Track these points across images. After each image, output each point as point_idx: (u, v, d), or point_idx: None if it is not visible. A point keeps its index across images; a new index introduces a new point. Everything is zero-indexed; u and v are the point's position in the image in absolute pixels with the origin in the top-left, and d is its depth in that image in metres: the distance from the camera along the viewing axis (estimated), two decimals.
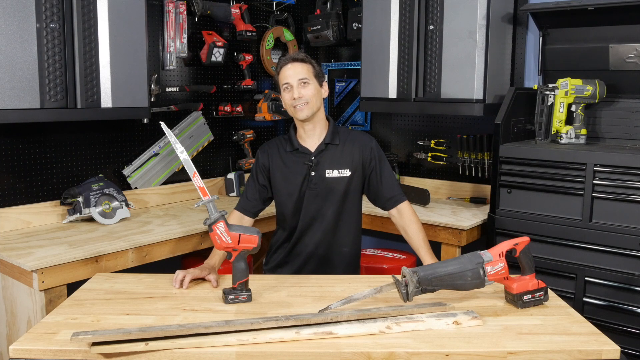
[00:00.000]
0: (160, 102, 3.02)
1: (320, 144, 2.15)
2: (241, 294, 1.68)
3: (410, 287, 1.55)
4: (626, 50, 2.57)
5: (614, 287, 2.29)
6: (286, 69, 2.10)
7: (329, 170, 2.14)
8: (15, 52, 2.18)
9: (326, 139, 2.15)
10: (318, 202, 2.15)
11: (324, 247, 2.19)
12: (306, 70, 2.09)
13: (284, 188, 2.18)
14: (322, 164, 2.14)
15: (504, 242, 1.65)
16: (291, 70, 2.08)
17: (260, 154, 2.23)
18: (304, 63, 2.10)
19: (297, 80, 2.07)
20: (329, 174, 2.14)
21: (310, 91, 2.08)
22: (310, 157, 2.15)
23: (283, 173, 2.18)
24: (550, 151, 2.44)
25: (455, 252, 2.68)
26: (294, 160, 2.17)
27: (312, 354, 1.38)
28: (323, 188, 2.14)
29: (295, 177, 2.16)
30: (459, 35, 2.77)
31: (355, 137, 2.20)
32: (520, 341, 1.43)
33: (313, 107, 2.10)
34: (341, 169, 2.14)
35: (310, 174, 2.14)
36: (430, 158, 3.35)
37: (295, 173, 2.16)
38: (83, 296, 1.73)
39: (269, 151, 2.22)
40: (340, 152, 2.16)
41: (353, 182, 2.16)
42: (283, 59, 2.12)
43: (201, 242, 2.58)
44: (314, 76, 2.11)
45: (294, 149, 2.17)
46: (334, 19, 3.52)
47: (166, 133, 1.72)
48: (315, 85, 2.11)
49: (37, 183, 2.60)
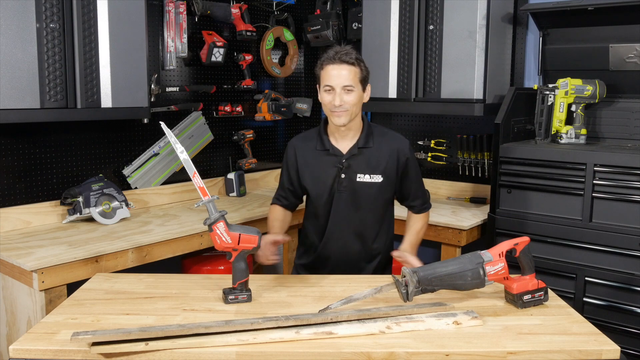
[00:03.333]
0: (160, 102, 3.02)
1: (352, 146, 2.04)
2: (241, 294, 1.68)
3: (410, 287, 1.55)
4: (626, 50, 2.57)
5: (614, 287, 2.29)
6: (332, 69, 1.93)
7: (360, 174, 2.04)
8: (15, 52, 2.18)
9: (359, 143, 2.04)
10: (347, 205, 2.07)
11: (354, 252, 2.12)
12: (353, 75, 1.93)
13: (313, 187, 2.10)
14: (353, 167, 2.04)
15: (504, 242, 1.65)
16: (337, 71, 1.92)
17: (288, 149, 2.14)
18: (352, 67, 1.92)
19: (341, 86, 1.92)
20: (359, 179, 2.04)
21: (352, 99, 1.94)
22: (341, 159, 2.04)
23: (313, 171, 2.09)
24: (550, 151, 2.44)
25: (455, 252, 2.68)
26: (324, 159, 2.06)
27: (312, 354, 1.38)
28: (353, 192, 2.05)
29: (325, 178, 2.06)
30: (459, 35, 2.77)
31: (390, 140, 2.09)
32: (520, 341, 1.43)
33: (352, 115, 1.97)
34: (373, 174, 2.04)
35: (340, 176, 2.05)
36: (430, 158, 3.35)
37: (325, 173, 2.06)
38: (83, 296, 1.73)
39: (297, 146, 2.12)
40: (372, 156, 2.05)
41: (384, 187, 2.07)
42: (331, 55, 1.93)
43: (201, 242, 2.58)
44: (360, 81, 1.95)
45: (325, 149, 2.06)
46: (334, 19, 3.51)
47: (166, 133, 1.72)
48: (359, 91, 1.96)
49: (37, 183, 2.60)
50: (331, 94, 1.95)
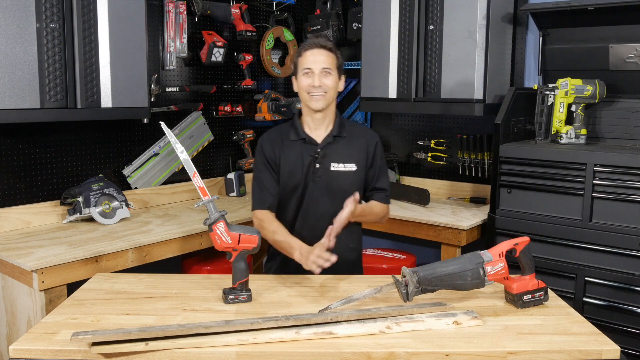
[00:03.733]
0: (160, 102, 3.02)
1: (327, 135, 2.08)
2: (241, 294, 1.68)
3: (410, 287, 1.55)
4: (626, 50, 2.57)
5: (614, 287, 2.29)
6: (311, 54, 2.01)
7: (334, 163, 2.06)
8: (15, 52, 2.18)
9: (334, 131, 2.08)
10: (321, 195, 2.07)
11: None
12: (331, 60, 2.02)
13: (287, 179, 2.09)
14: (329, 156, 2.07)
15: (504, 242, 1.65)
16: (316, 56, 2.00)
17: (264, 145, 2.11)
18: (330, 52, 2.02)
19: (320, 68, 1.99)
20: (334, 167, 2.06)
21: (330, 82, 2.01)
22: (316, 148, 2.07)
23: (287, 161, 2.08)
24: (550, 151, 2.44)
25: (455, 252, 2.68)
26: (298, 149, 2.08)
27: (312, 354, 1.38)
28: (327, 181, 2.06)
29: (299, 168, 2.07)
30: (459, 35, 2.77)
31: (362, 132, 2.16)
32: (520, 341, 1.43)
33: (329, 99, 2.03)
34: (347, 163, 2.08)
35: (314, 165, 2.06)
36: (430, 158, 3.34)
37: (299, 164, 2.07)
38: (83, 296, 1.73)
39: (274, 140, 2.11)
40: (346, 146, 2.09)
41: (357, 177, 2.09)
42: (309, 42, 2.04)
43: (201, 242, 2.58)
44: (336, 67, 2.04)
45: (300, 138, 2.08)
46: (334, 19, 3.51)
47: (166, 133, 1.72)
48: (336, 77, 2.04)
49: (37, 183, 2.60)
50: (310, 77, 2.01)
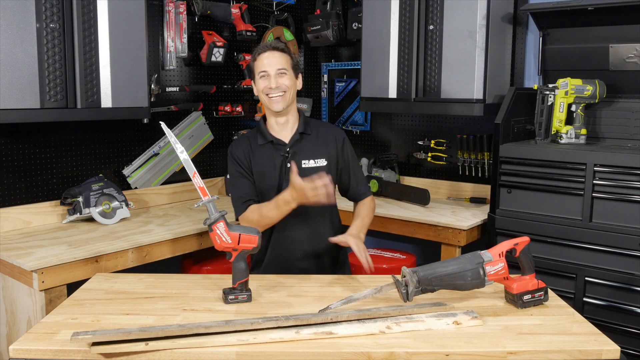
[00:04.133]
0: (160, 102, 3.02)
1: (294, 134, 2.10)
2: (241, 294, 1.68)
3: (410, 287, 1.55)
4: (626, 50, 2.57)
5: (614, 287, 2.29)
6: (264, 57, 2.04)
7: (304, 160, 2.08)
8: (15, 52, 2.18)
9: (299, 129, 2.11)
10: None
11: (308, 241, 2.11)
12: (285, 61, 2.05)
13: (261, 182, 2.10)
14: (298, 154, 2.08)
15: (504, 242, 1.65)
16: (270, 58, 2.04)
17: (235, 153, 2.12)
18: (283, 53, 2.06)
19: (275, 70, 2.02)
20: (305, 164, 2.07)
21: (287, 81, 2.04)
22: (285, 148, 2.09)
23: (258, 167, 2.10)
24: (550, 151, 2.44)
25: (455, 252, 2.68)
26: (268, 153, 2.10)
27: (312, 354, 1.38)
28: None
29: (271, 171, 2.09)
30: (459, 35, 2.77)
31: (327, 128, 2.18)
32: (520, 341, 1.43)
33: (288, 99, 2.05)
34: (317, 159, 2.10)
35: (286, 165, 2.07)
36: (430, 158, 3.35)
37: (271, 166, 2.09)
38: (83, 296, 1.73)
39: (243, 148, 2.12)
40: (314, 142, 2.11)
41: (329, 171, 2.08)
42: (262, 46, 2.07)
43: (201, 242, 2.58)
44: (292, 67, 2.07)
45: (268, 141, 2.10)
46: (334, 19, 3.51)
47: (166, 133, 1.72)
48: (292, 76, 2.07)
49: (37, 183, 2.60)
50: (267, 79, 2.04)
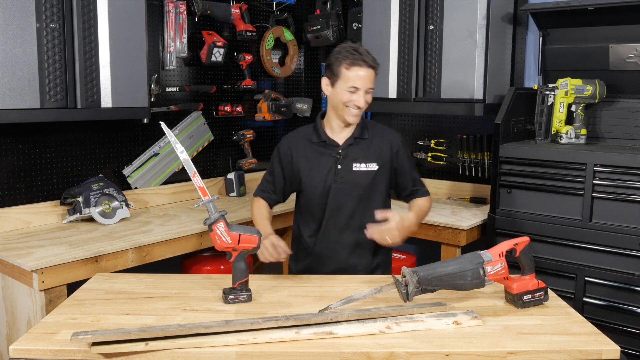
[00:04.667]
0: (160, 102, 3.02)
1: (349, 137, 2.09)
2: (241, 294, 1.68)
3: (410, 287, 1.55)
4: (626, 50, 2.57)
5: (614, 287, 2.29)
6: (361, 72, 1.98)
7: (356, 164, 2.07)
8: (15, 52, 2.18)
9: (356, 133, 2.09)
10: (344, 196, 2.07)
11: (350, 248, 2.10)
12: (374, 78, 2.03)
13: (308, 180, 2.10)
14: (350, 157, 2.07)
15: (504, 242, 1.65)
16: (366, 77, 1.99)
17: (282, 145, 2.15)
18: (374, 70, 2.02)
19: (366, 88, 2.00)
20: (356, 168, 2.07)
21: (370, 99, 2.04)
22: (338, 149, 2.08)
23: (308, 164, 2.10)
24: (550, 151, 2.44)
25: (455, 252, 2.68)
26: (320, 151, 2.09)
27: (312, 354, 1.38)
28: (349, 182, 2.07)
29: (321, 170, 2.08)
30: (459, 35, 2.77)
31: (383, 132, 2.16)
32: (520, 341, 1.43)
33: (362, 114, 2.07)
34: (369, 163, 2.08)
35: (337, 167, 2.07)
36: (430, 158, 3.35)
37: (321, 165, 2.08)
38: (83, 296, 1.73)
39: (292, 140, 2.15)
40: (368, 146, 2.10)
41: (379, 176, 2.09)
42: (359, 58, 1.98)
43: (201, 242, 2.58)
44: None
45: (321, 140, 2.10)
46: (334, 19, 3.51)
47: (166, 133, 1.72)
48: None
49: (37, 183, 2.60)
50: (355, 95, 2.00)
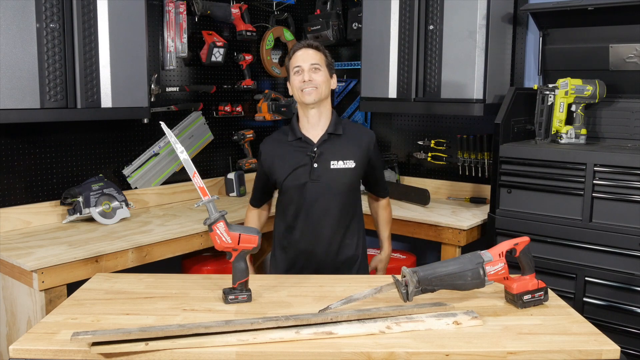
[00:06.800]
0: (160, 102, 3.02)
1: (323, 134, 2.11)
2: (241, 294, 1.68)
3: (410, 287, 1.55)
4: (626, 50, 2.57)
5: (614, 287, 2.29)
6: (299, 53, 2.10)
7: (333, 161, 2.09)
8: (15, 52, 2.18)
9: (329, 129, 2.11)
10: (321, 194, 2.08)
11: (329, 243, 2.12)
12: (319, 58, 2.10)
13: (285, 179, 2.11)
14: (326, 154, 2.09)
15: (504, 242, 1.65)
16: (304, 55, 2.09)
17: (262, 152, 2.20)
18: (317, 50, 2.11)
19: (309, 65, 2.07)
20: (334, 165, 2.09)
21: (320, 77, 2.07)
22: (312, 147, 2.10)
23: (284, 163, 2.12)
24: (550, 151, 2.44)
25: (455, 252, 2.68)
26: (295, 149, 2.12)
27: (312, 354, 1.38)
28: (327, 180, 2.08)
29: (297, 168, 2.10)
30: (459, 35, 2.77)
31: (358, 129, 2.20)
32: (520, 341, 1.43)
33: (321, 94, 2.07)
34: (346, 160, 2.11)
35: (312, 165, 2.09)
36: (430, 158, 3.35)
37: (297, 164, 2.10)
38: (83, 296, 1.73)
39: (269, 141, 2.20)
40: (344, 143, 2.12)
41: (357, 173, 2.13)
42: (297, 44, 2.14)
43: (201, 242, 2.58)
44: (326, 65, 2.11)
45: (296, 137, 2.12)
46: (334, 19, 3.52)
47: (166, 133, 1.72)
48: (326, 73, 2.11)
49: (37, 183, 2.60)
50: (300, 74, 2.09)
